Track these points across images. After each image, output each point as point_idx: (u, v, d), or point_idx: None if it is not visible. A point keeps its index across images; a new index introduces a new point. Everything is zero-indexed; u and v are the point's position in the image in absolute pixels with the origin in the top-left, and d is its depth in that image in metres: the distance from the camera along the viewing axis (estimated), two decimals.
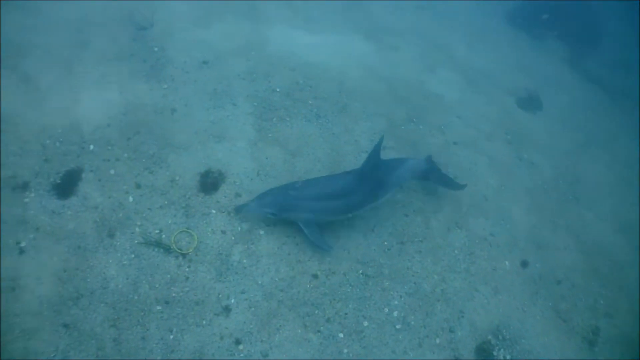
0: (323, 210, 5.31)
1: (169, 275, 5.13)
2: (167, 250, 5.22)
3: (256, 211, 5.27)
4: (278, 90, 7.39)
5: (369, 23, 10.15)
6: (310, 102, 7.38)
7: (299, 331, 5.07)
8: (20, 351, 4.40)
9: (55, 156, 5.76)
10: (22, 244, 5.13)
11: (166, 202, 5.65)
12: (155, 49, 7.33)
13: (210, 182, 5.91)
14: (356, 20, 10.01)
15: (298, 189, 5.29)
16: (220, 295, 5.14)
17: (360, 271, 5.60)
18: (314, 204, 5.25)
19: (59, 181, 5.60)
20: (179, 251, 5.26)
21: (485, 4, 12.96)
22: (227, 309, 5.07)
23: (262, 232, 5.61)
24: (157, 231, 5.42)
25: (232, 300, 5.15)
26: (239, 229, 5.59)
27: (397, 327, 5.31)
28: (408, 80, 8.71)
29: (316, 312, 5.19)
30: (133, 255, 5.25)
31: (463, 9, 12.38)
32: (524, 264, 6.43)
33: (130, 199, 5.61)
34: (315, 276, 5.43)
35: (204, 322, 5.00)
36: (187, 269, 5.26)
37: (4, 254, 4.99)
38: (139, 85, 6.71)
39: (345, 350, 5.03)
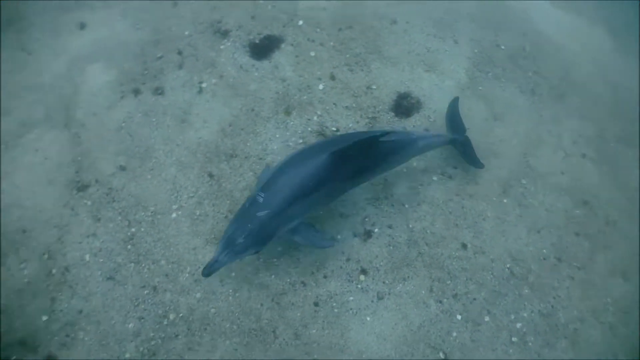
0: (310, 207, 3.80)
1: None
2: None
3: (232, 261, 3.61)
4: (503, 48, 6.28)
5: (625, 17, 8.40)
6: (529, 74, 6.19)
7: (423, 292, 4.26)
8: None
9: (262, 17, 5.37)
10: (203, 85, 4.88)
11: (354, 105, 4.96)
12: None
13: (405, 106, 5.10)
14: (611, 10, 8.33)
15: (265, 203, 3.54)
16: (367, 219, 4.44)
17: (508, 265, 4.46)
18: (296, 209, 3.64)
19: (257, 42, 5.20)
20: None
21: None
22: (367, 234, 4.39)
23: (435, 178, 4.70)
24: (333, 129, 4.76)
25: (376, 230, 4.42)
26: (414, 164, 4.70)
27: (513, 339, 4.15)
28: None
29: (448, 282, 4.31)
30: (301, 141, 4.64)
31: None
32: None
33: (321, 86, 5.01)
34: (464, 246, 4.42)
35: (339, 237, 4.35)
36: None
37: (185, 87, 4.89)
38: None
39: (454, 334, 4.06)
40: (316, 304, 4.08)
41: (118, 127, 4.73)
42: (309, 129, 4.78)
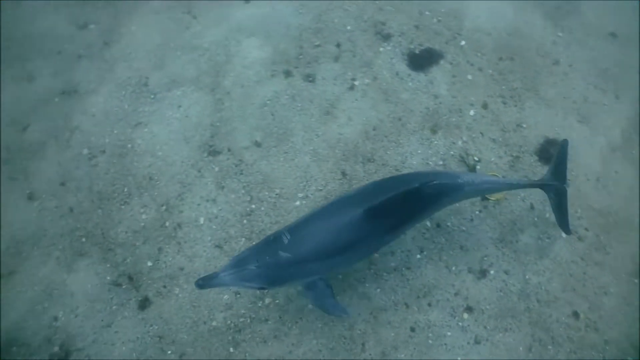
0: (332, 267, 3.45)
1: (457, 205, 4.20)
2: None
3: (232, 285, 3.21)
4: None
5: None
6: None
7: (520, 349, 3.85)
8: None
9: (426, 29, 5.16)
10: (356, 82, 4.74)
11: (500, 139, 4.59)
12: None
13: (550, 152, 4.66)
14: None
15: (288, 246, 3.17)
16: (485, 258, 4.09)
17: (626, 353, 3.85)
18: (318, 265, 3.25)
19: (417, 52, 4.98)
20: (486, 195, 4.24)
21: None
22: (482, 274, 4.03)
23: (564, 235, 4.20)
24: (475, 158, 4.41)
25: (492, 271, 4.08)
26: (547, 215, 4.24)
27: None
28: None
29: (549, 347, 3.86)
30: (441, 162, 4.36)
31: None
32: None
33: (472, 112, 4.69)
34: (576, 315, 3.87)
35: (454, 269, 4.04)
36: (477, 212, 4.17)
37: (337, 81, 4.82)
38: (535, 15, 5.69)
39: None
40: (412, 330, 3.81)
41: (262, 104, 4.68)
42: (451, 152, 4.47)
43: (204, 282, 3.10)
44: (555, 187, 3.86)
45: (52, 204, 4.67)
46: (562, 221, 3.99)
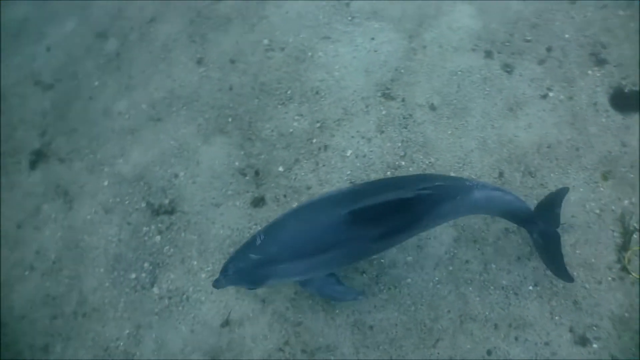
0: (309, 270, 3.16)
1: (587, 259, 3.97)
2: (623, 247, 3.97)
3: (229, 286, 3.29)
4: None
5: None
6: None
7: None
8: None
9: None
10: (550, 94, 4.64)
11: None
12: None
13: None
14: None
15: (260, 247, 3.04)
16: (594, 327, 3.79)
17: None
18: (292, 266, 3.07)
19: (625, 90, 4.75)
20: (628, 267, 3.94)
21: None
22: (582, 340, 3.75)
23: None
24: (636, 225, 4.10)
25: (595, 345, 3.76)
26: None
27: None
28: None
29: None
30: (597, 211, 4.08)
31: None
32: None
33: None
34: None
35: (557, 319, 3.80)
36: (609, 278, 3.94)
37: (533, 83, 4.68)
38: None
39: None
40: (489, 353, 3.71)
41: (453, 72, 4.58)
42: (612, 207, 4.20)
43: (216, 284, 3.23)
44: (544, 230, 3.43)
45: (215, 75, 4.91)
46: (556, 267, 3.52)
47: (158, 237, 4.40)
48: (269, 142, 4.47)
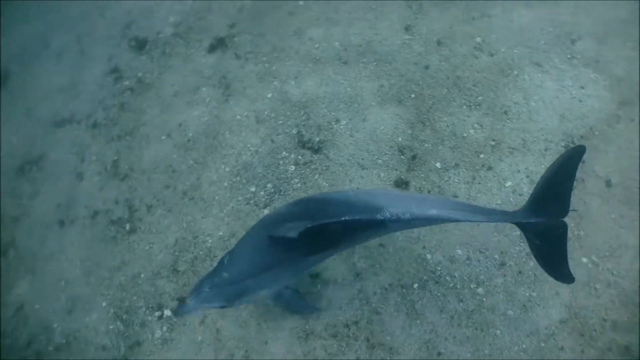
0: (268, 284, 3.44)
1: None
2: None
3: (198, 308, 3.36)
4: None
5: None
6: None
7: None
8: None
9: None
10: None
11: None
12: None
13: None
14: None
15: (228, 265, 3.35)
16: None
17: None
18: (253, 282, 3.34)
19: None
20: None
21: None
22: None
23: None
24: None
25: None
26: None
27: None
28: None
29: None
30: None
31: None
32: None
33: None
34: None
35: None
36: None
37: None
38: None
39: None
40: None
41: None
42: None
43: (178, 310, 3.43)
44: (543, 224, 2.79)
45: (417, 48, 5.04)
46: (557, 267, 2.92)
47: (292, 167, 4.66)
48: (439, 134, 4.52)
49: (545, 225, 2.78)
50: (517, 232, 3.89)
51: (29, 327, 4.81)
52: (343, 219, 2.99)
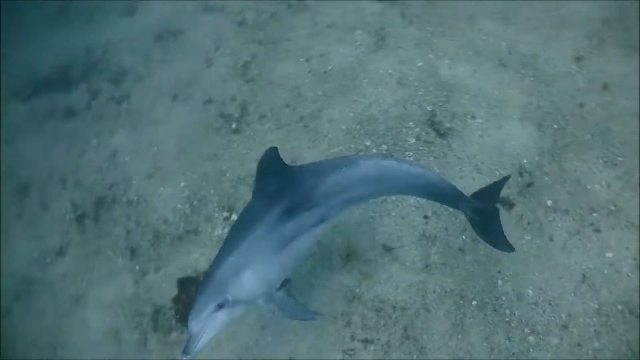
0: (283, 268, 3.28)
1: None
2: None
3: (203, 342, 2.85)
4: None
5: None
6: None
7: None
8: None
9: None
10: None
11: None
12: None
13: None
14: None
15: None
16: None
17: None
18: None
19: None
20: None
21: None
22: None
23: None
24: None
25: None
26: None
27: None
28: None
29: None
30: None
31: None
32: None
33: None
34: None
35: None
36: None
37: None
38: None
39: None
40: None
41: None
42: None
43: (187, 350, 2.83)
44: (480, 208, 3.35)
45: (578, 83, 4.75)
46: (496, 240, 3.47)
47: (412, 140, 4.71)
48: (564, 175, 4.42)
49: (483, 207, 3.35)
50: (595, 304, 3.83)
51: (115, 173, 5.23)
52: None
